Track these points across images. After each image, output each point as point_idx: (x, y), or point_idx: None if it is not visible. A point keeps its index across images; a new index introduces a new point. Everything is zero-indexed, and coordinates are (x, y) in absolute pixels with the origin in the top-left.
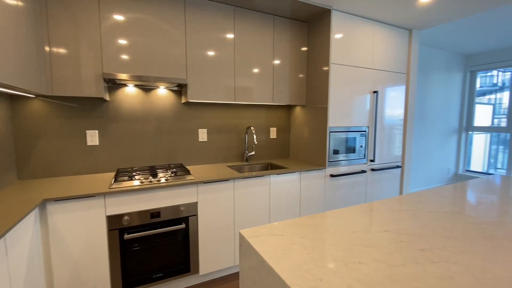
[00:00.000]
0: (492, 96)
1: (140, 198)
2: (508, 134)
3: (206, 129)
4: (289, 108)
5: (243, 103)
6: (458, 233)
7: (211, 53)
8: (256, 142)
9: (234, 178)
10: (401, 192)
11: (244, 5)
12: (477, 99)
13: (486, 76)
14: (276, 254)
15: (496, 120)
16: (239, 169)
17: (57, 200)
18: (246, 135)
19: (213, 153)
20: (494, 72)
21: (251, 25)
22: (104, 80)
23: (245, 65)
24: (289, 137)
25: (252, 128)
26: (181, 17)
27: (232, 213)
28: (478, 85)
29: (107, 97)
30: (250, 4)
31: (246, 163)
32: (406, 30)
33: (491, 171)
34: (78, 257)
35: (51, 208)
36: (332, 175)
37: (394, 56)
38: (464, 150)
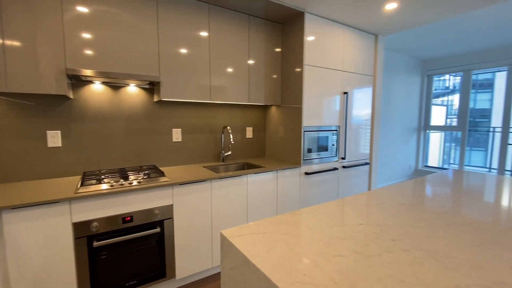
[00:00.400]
0: (445, 98)
1: (110, 203)
2: (459, 133)
3: (180, 129)
4: (264, 108)
5: (219, 102)
6: (423, 223)
7: (185, 50)
8: (232, 142)
9: (211, 179)
10: (369, 187)
11: (219, 3)
12: (433, 101)
13: (439, 79)
14: (259, 252)
15: (448, 120)
16: (216, 170)
17: (15, 208)
18: (222, 135)
19: (188, 154)
20: (447, 76)
21: (226, 24)
22: (68, 76)
23: (220, 64)
24: (265, 137)
25: (228, 127)
26: (153, 12)
27: (210, 214)
28: (433, 88)
29: (70, 95)
30: (224, 3)
31: (223, 163)
32: (373, 35)
33: (445, 166)
34: (41, 269)
35: (7, 217)
36: (306, 173)
37: (362, 59)
38: (422, 148)
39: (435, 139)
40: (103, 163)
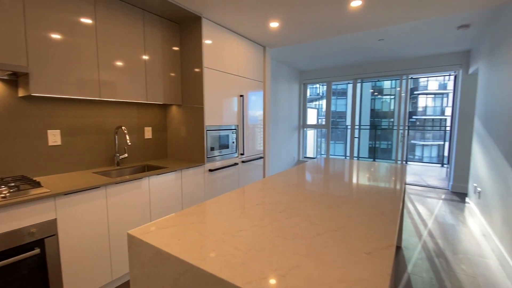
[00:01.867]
0: (317, 102)
1: None
2: (325, 130)
3: (59, 130)
4: (164, 107)
5: (111, 100)
6: (301, 197)
7: (65, 37)
8: (129, 143)
9: (106, 185)
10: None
11: None
12: (308, 104)
13: (312, 87)
14: (171, 242)
15: (319, 120)
16: (110, 175)
17: None
18: (116, 136)
19: (72, 159)
20: (317, 85)
21: (116, 15)
22: None
23: (112, 57)
24: (166, 137)
25: (123, 127)
26: None
27: (106, 224)
28: (308, 94)
29: None
30: None
31: (118, 167)
32: (261, 46)
33: (318, 156)
34: None
35: None
36: (210, 170)
37: (253, 67)
38: (302, 142)
39: (310, 135)
40: None
